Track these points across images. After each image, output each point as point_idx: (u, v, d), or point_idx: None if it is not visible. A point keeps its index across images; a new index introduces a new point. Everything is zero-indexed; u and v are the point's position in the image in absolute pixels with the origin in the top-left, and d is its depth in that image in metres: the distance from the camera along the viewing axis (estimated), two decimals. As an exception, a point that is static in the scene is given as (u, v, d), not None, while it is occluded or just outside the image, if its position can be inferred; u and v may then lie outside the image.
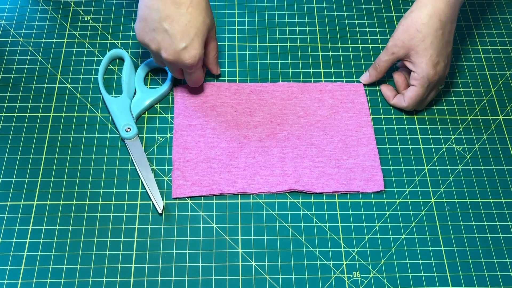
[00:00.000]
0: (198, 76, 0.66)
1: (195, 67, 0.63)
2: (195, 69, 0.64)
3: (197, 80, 0.66)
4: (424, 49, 0.64)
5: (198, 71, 0.65)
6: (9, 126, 0.66)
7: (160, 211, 0.60)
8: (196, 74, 0.65)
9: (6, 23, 0.74)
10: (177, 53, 0.61)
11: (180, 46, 0.60)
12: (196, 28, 0.61)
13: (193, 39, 0.61)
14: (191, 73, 0.64)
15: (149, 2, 0.60)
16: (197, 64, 0.63)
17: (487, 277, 0.59)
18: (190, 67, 0.63)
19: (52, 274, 0.57)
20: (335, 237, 0.61)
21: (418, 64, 0.65)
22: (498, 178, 0.66)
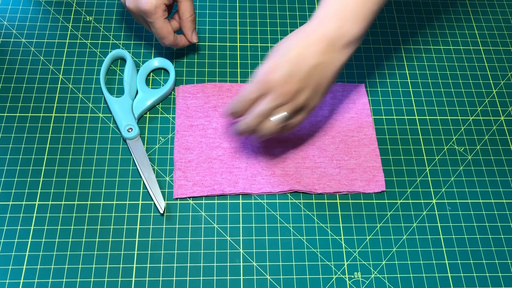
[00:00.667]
0: (161, 27, 0.65)
1: (154, 16, 0.63)
2: (155, 18, 0.63)
3: (161, 32, 0.65)
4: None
5: (159, 22, 0.64)
6: (11, 126, 0.66)
7: (161, 211, 0.60)
8: (157, 24, 0.64)
9: (8, 23, 0.75)
10: (135, 1, 0.63)
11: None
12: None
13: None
14: (152, 23, 0.64)
15: None
16: (155, 11, 0.63)
17: (488, 278, 0.59)
18: (149, 14, 0.63)
19: (54, 274, 0.57)
20: (337, 237, 0.61)
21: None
22: (500, 179, 0.66)
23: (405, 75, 0.73)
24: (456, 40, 0.78)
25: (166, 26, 0.65)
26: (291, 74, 0.53)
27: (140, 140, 0.65)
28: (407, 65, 0.74)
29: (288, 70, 0.53)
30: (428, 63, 0.75)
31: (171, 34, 0.66)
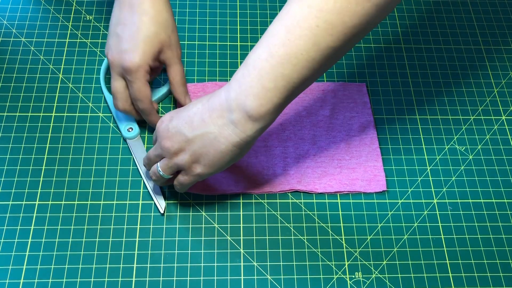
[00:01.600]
0: (138, 89, 0.60)
1: (134, 74, 0.59)
2: (135, 78, 0.59)
3: (138, 94, 0.60)
4: None
5: (138, 82, 0.59)
6: (11, 125, 0.66)
7: (162, 211, 0.60)
8: (135, 85, 0.59)
9: (8, 23, 0.75)
10: (119, 54, 0.59)
11: (123, 48, 0.59)
12: (145, 36, 0.59)
13: (138, 45, 0.59)
14: (130, 81, 0.59)
15: (113, 11, 0.62)
16: (137, 71, 0.59)
17: (490, 277, 0.59)
18: (129, 72, 0.59)
19: (54, 274, 0.57)
20: (337, 237, 0.61)
21: None
22: (501, 178, 0.66)
23: (406, 74, 0.73)
24: (457, 39, 0.77)
25: (145, 89, 0.60)
26: (176, 131, 0.53)
27: (140, 139, 0.65)
28: (408, 64, 0.74)
29: (174, 126, 0.53)
30: (429, 62, 0.75)
31: (147, 99, 0.61)
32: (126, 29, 0.59)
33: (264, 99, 0.48)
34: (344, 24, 0.46)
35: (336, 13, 0.45)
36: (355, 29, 0.46)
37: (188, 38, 0.75)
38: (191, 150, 0.52)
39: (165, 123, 0.54)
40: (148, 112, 0.62)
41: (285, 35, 0.47)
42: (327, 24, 0.45)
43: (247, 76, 0.49)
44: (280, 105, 0.50)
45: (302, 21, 0.46)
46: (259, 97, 0.48)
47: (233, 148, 0.51)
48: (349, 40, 0.47)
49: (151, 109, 0.62)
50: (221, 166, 0.53)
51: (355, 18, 0.46)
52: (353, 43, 0.48)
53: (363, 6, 0.45)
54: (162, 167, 0.55)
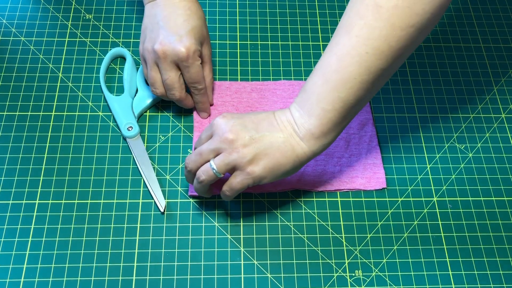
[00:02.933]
0: (196, 70, 0.62)
1: (191, 59, 0.61)
2: (192, 62, 0.61)
3: (196, 77, 0.62)
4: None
5: (195, 65, 0.62)
6: (11, 125, 0.66)
7: (162, 209, 0.60)
8: (193, 68, 0.62)
9: (8, 22, 0.74)
10: (171, 44, 0.60)
11: (174, 38, 0.60)
12: (193, 27, 0.61)
13: (188, 32, 0.61)
14: (187, 66, 0.61)
15: (148, 11, 0.64)
16: (193, 55, 0.61)
17: (490, 275, 0.59)
18: (185, 57, 0.60)
19: (54, 273, 0.57)
20: (337, 235, 0.61)
21: None
22: (501, 176, 0.66)
23: (406, 73, 0.73)
24: (457, 37, 0.77)
25: (201, 70, 0.63)
26: (242, 128, 0.53)
27: (140, 138, 0.65)
28: (408, 62, 0.74)
29: (240, 123, 0.54)
30: (429, 60, 0.75)
31: (203, 80, 0.64)
32: (171, 22, 0.62)
33: (324, 119, 0.52)
34: (391, 49, 0.50)
35: (382, 40, 0.49)
36: (401, 51, 0.50)
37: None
38: (256, 148, 0.53)
39: (227, 118, 0.54)
40: (204, 92, 0.65)
41: (337, 63, 0.51)
42: (375, 50, 0.50)
43: (306, 100, 0.53)
44: (340, 124, 0.54)
45: (352, 50, 0.50)
46: (320, 117, 0.52)
47: (296, 159, 0.54)
48: (397, 61, 0.51)
49: (207, 88, 0.66)
50: (277, 175, 0.54)
51: (401, 42, 0.49)
52: (401, 62, 0.52)
53: (407, 31, 0.49)
54: (218, 163, 0.53)
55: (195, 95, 0.65)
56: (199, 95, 0.65)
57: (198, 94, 0.65)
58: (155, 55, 0.61)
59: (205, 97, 0.65)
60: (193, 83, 0.63)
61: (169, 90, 0.63)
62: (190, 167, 0.56)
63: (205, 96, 0.65)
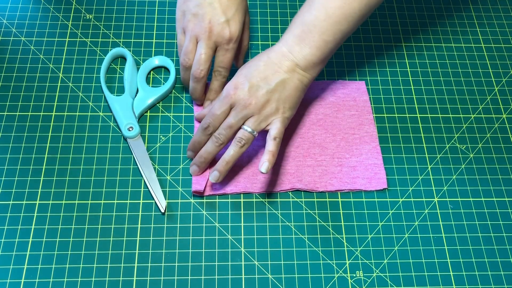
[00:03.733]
0: (231, 56, 0.65)
1: (234, 44, 0.64)
2: (233, 47, 0.64)
3: (228, 61, 0.65)
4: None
5: (233, 52, 0.64)
6: (11, 125, 0.66)
7: (162, 210, 0.60)
8: (231, 53, 0.64)
9: (8, 22, 0.74)
10: (219, 25, 0.62)
11: (223, 18, 0.63)
12: (237, 5, 0.64)
13: (234, 14, 0.63)
14: (228, 50, 0.64)
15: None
16: (236, 39, 0.64)
17: (490, 276, 0.59)
18: (230, 41, 0.63)
19: (55, 274, 0.57)
20: (338, 236, 0.61)
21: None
22: (502, 177, 0.66)
23: (407, 73, 0.73)
24: (458, 38, 0.77)
25: (233, 58, 0.66)
26: (256, 89, 0.59)
27: (140, 139, 0.65)
28: (409, 62, 0.74)
29: (252, 86, 0.59)
30: (430, 60, 0.75)
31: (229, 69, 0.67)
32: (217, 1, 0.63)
33: (325, 49, 0.60)
34: None
35: None
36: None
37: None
38: (276, 97, 0.59)
39: (239, 87, 0.59)
40: (224, 82, 0.66)
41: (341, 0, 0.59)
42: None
43: (308, 33, 0.60)
44: (335, 50, 0.62)
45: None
46: (321, 48, 0.60)
47: (304, 87, 0.62)
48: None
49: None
50: (297, 106, 0.62)
51: None
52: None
53: None
54: (253, 125, 0.59)
55: (215, 80, 0.66)
56: (217, 82, 0.66)
57: (218, 80, 0.66)
58: (200, 30, 0.63)
59: (220, 87, 0.66)
60: (221, 67, 0.65)
61: (198, 66, 0.64)
62: (223, 140, 0.60)
63: (221, 86, 0.66)
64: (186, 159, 0.65)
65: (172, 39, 0.74)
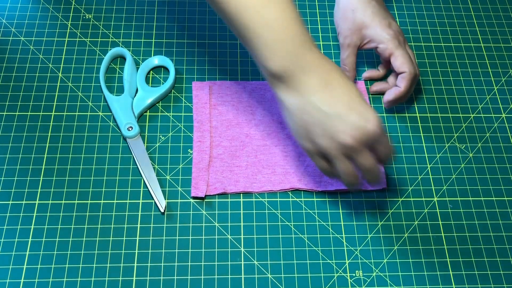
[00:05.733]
0: (388, 140, 0.54)
1: (383, 131, 0.53)
2: (384, 134, 0.53)
3: (389, 146, 0.54)
4: (372, 21, 0.65)
5: (387, 136, 0.54)
6: (11, 125, 0.66)
7: (162, 210, 0.60)
8: (386, 138, 0.54)
9: (7, 22, 0.74)
10: (359, 127, 0.51)
11: (355, 117, 0.51)
12: (357, 92, 0.53)
13: (361, 101, 0.52)
14: (381, 141, 0.53)
15: (293, 105, 0.53)
16: (382, 127, 0.52)
17: (490, 275, 0.59)
18: (379, 135, 0.52)
19: (54, 274, 0.57)
20: (338, 235, 0.61)
21: (376, 34, 0.65)
22: (501, 176, 0.66)
23: (406, 73, 0.73)
24: (457, 37, 0.77)
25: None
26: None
27: (140, 138, 0.65)
28: (408, 62, 0.74)
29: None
30: (429, 60, 0.75)
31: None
32: (338, 103, 0.52)
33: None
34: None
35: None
36: None
37: (188, 37, 0.75)
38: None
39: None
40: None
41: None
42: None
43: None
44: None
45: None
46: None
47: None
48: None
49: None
50: None
51: None
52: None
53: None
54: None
55: (384, 167, 0.62)
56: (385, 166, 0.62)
57: (387, 165, 0.62)
58: (345, 147, 0.52)
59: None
60: (387, 155, 0.55)
61: (368, 174, 0.55)
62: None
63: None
64: (185, 158, 0.65)
65: (172, 39, 0.74)
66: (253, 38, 0.51)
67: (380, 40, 0.65)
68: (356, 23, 0.66)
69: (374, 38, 0.66)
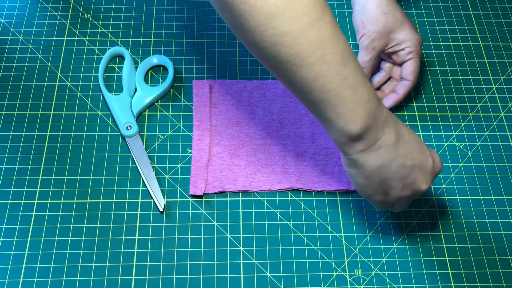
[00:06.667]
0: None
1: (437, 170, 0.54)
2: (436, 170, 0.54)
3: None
4: (402, 24, 0.65)
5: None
6: (10, 124, 0.66)
7: (161, 209, 0.60)
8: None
9: (6, 21, 0.74)
10: (433, 172, 0.53)
11: (427, 160, 0.52)
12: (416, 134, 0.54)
13: (425, 145, 0.53)
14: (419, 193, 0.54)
15: (367, 163, 0.50)
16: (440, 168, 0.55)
17: (489, 274, 0.59)
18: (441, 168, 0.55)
19: (54, 273, 0.57)
20: (337, 234, 0.61)
21: (406, 38, 0.65)
22: (500, 175, 0.66)
23: (405, 72, 0.73)
24: (456, 36, 0.77)
25: None
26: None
27: (139, 137, 0.65)
28: (407, 61, 0.74)
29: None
30: (428, 59, 0.75)
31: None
32: (407, 152, 0.52)
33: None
34: None
35: None
36: None
37: (187, 36, 0.75)
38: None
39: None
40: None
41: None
42: None
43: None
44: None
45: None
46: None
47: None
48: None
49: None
50: None
51: None
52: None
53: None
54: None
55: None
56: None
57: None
58: (420, 193, 0.54)
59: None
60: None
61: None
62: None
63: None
64: (184, 157, 0.65)
65: (171, 38, 0.74)
66: (334, 102, 0.47)
67: (410, 43, 0.65)
68: (386, 27, 0.65)
69: (404, 40, 0.65)
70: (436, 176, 0.54)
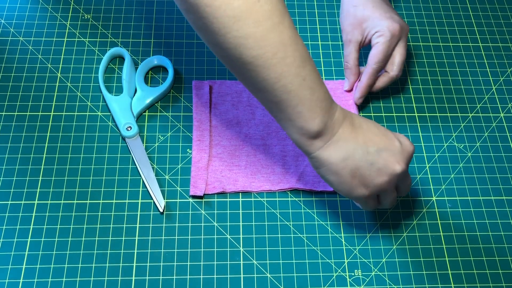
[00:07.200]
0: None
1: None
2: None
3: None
4: (373, 13, 0.66)
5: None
6: (10, 125, 0.66)
7: (161, 209, 0.60)
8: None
9: (6, 22, 0.74)
10: (403, 151, 0.53)
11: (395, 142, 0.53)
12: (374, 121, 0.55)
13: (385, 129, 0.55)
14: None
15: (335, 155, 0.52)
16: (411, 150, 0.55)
17: (489, 274, 0.59)
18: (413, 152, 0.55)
19: (54, 273, 0.57)
20: (337, 235, 0.61)
21: (375, 24, 0.66)
22: (500, 175, 0.66)
23: (404, 72, 0.73)
24: (455, 37, 0.77)
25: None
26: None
27: (139, 138, 0.65)
28: (407, 62, 0.74)
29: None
30: (427, 59, 0.75)
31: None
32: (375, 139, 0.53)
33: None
34: None
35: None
36: None
37: (186, 37, 0.75)
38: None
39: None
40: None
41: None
42: None
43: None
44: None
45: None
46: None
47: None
48: None
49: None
50: None
51: None
52: None
53: None
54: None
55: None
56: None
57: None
58: (398, 175, 0.53)
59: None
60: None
61: (405, 192, 0.58)
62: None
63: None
64: (184, 158, 0.65)
65: (171, 39, 0.74)
66: (294, 102, 0.49)
67: (379, 28, 0.66)
68: (357, 18, 0.67)
69: (374, 27, 0.66)
70: (409, 157, 0.54)
